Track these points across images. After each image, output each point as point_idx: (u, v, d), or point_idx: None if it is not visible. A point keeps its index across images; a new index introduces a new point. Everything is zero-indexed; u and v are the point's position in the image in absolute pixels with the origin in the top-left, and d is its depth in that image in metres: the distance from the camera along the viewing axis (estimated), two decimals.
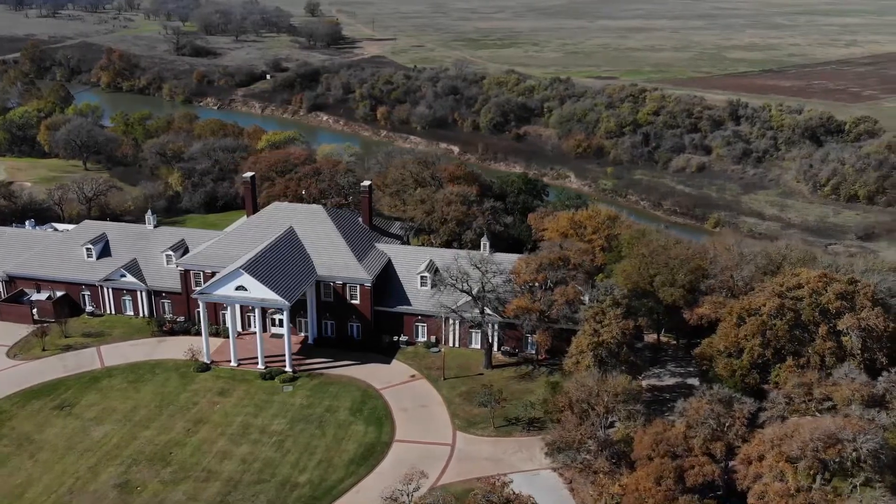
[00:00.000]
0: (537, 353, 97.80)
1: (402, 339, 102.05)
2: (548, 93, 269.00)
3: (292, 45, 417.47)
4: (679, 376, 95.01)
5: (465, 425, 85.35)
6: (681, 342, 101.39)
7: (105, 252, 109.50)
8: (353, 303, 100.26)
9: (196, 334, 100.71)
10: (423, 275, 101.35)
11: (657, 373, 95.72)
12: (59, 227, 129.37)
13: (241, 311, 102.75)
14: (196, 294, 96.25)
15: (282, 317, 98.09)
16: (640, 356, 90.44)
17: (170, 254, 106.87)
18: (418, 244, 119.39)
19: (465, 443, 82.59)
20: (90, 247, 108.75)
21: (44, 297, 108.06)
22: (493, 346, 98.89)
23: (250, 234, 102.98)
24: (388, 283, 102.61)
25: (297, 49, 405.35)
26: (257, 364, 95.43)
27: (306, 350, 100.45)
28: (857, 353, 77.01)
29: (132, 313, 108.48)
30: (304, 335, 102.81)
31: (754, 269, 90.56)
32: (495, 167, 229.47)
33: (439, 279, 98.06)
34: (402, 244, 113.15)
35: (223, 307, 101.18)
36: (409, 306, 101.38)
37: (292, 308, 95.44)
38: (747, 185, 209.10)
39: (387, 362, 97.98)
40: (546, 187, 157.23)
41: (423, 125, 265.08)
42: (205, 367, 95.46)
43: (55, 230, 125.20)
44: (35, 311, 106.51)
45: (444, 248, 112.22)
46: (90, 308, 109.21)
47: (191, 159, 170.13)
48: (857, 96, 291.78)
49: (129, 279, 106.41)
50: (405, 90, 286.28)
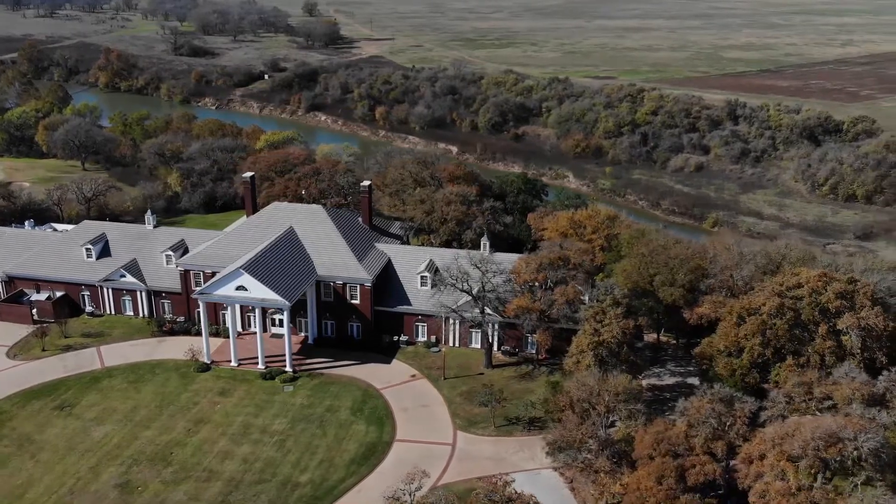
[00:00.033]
0: (538, 352, 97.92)
1: (403, 338, 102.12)
2: (546, 93, 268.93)
3: (290, 45, 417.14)
4: (679, 376, 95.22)
5: (466, 425, 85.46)
6: (680, 342, 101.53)
7: (105, 252, 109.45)
8: (353, 303, 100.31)
9: (196, 334, 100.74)
10: (423, 275, 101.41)
11: (657, 372, 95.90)
12: (59, 227, 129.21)
13: (242, 311, 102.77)
14: (196, 294, 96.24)
15: (282, 317, 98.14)
16: (640, 356, 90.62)
17: (170, 254, 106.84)
18: (418, 244, 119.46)
19: (465, 442, 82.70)
20: (90, 247, 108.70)
21: (43, 297, 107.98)
22: (494, 345, 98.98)
23: (250, 234, 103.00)
24: (388, 282, 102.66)
25: (295, 49, 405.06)
26: (258, 364, 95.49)
27: (306, 350, 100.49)
28: (856, 352, 77.23)
29: (132, 313, 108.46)
30: (304, 335, 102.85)
31: (754, 269, 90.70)
32: (494, 167, 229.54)
33: (439, 279, 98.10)
34: (402, 244, 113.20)
35: (223, 307, 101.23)
36: (410, 306, 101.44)
37: (292, 308, 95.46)
38: (745, 184, 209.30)
39: (387, 362, 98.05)
40: (546, 187, 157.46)
41: (421, 125, 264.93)
42: (205, 368, 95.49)
43: (54, 230, 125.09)
44: (35, 311, 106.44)
45: (444, 247, 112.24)
46: (90, 308, 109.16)
47: (189, 159, 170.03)
48: (855, 96, 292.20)
49: (128, 279, 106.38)
50: (403, 90, 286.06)
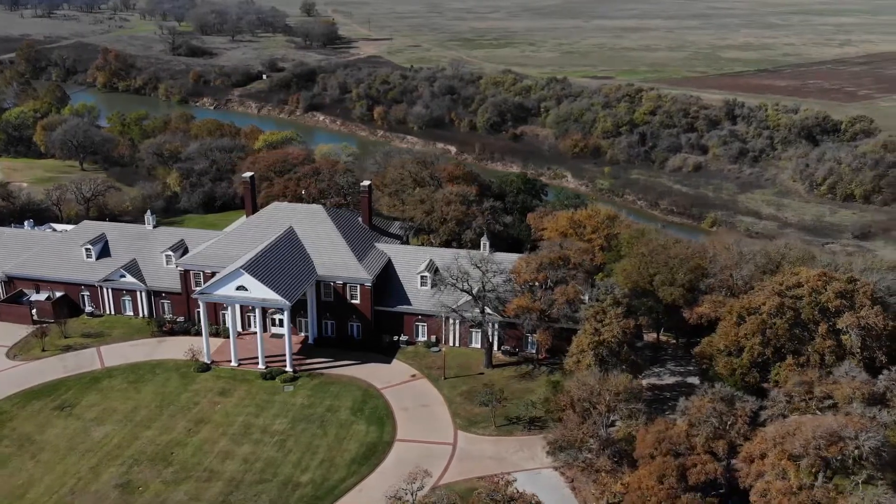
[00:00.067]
0: (538, 352, 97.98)
1: (403, 338, 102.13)
2: (544, 93, 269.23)
3: (288, 45, 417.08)
4: (679, 375, 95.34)
5: (467, 424, 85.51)
6: (680, 341, 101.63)
7: (104, 252, 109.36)
8: (353, 302, 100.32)
9: (196, 334, 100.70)
10: (423, 274, 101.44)
11: (657, 372, 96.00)
12: (58, 227, 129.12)
13: (242, 311, 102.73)
14: (196, 294, 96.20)
15: (282, 317, 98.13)
16: (640, 355, 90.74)
17: (169, 254, 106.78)
18: (418, 244, 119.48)
19: (466, 442, 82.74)
20: (89, 247, 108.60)
21: (43, 297, 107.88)
22: (494, 345, 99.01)
23: (250, 234, 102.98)
24: (388, 282, 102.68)
25: (294, 49, 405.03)
26: (258, 364, 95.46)
27: (307, 350, 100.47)
28: (856, 351, 77.34)
29: (132, 313, 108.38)
30: (304, 335, 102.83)
31: (754, 269, 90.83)
32: (492, 167, 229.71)
33: (439, 279, 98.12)
34: (402, 244, 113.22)
35: (223, 307, 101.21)
36: (410, 306, 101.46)
37: (293, 308, 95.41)
38: (744, 184, 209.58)
39: (387, 362, 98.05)
40: (545, 187, 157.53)
41: (419, 125, 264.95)
42: (205, 368, 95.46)
43: (54, 230, 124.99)
44: (34, 311, 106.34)
45: (444, 247, 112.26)
46: (90, 308, 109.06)
47: (188, 159, 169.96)
48: (853, 96, 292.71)
49: (128, 279, 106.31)
50: (402, 90, 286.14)
